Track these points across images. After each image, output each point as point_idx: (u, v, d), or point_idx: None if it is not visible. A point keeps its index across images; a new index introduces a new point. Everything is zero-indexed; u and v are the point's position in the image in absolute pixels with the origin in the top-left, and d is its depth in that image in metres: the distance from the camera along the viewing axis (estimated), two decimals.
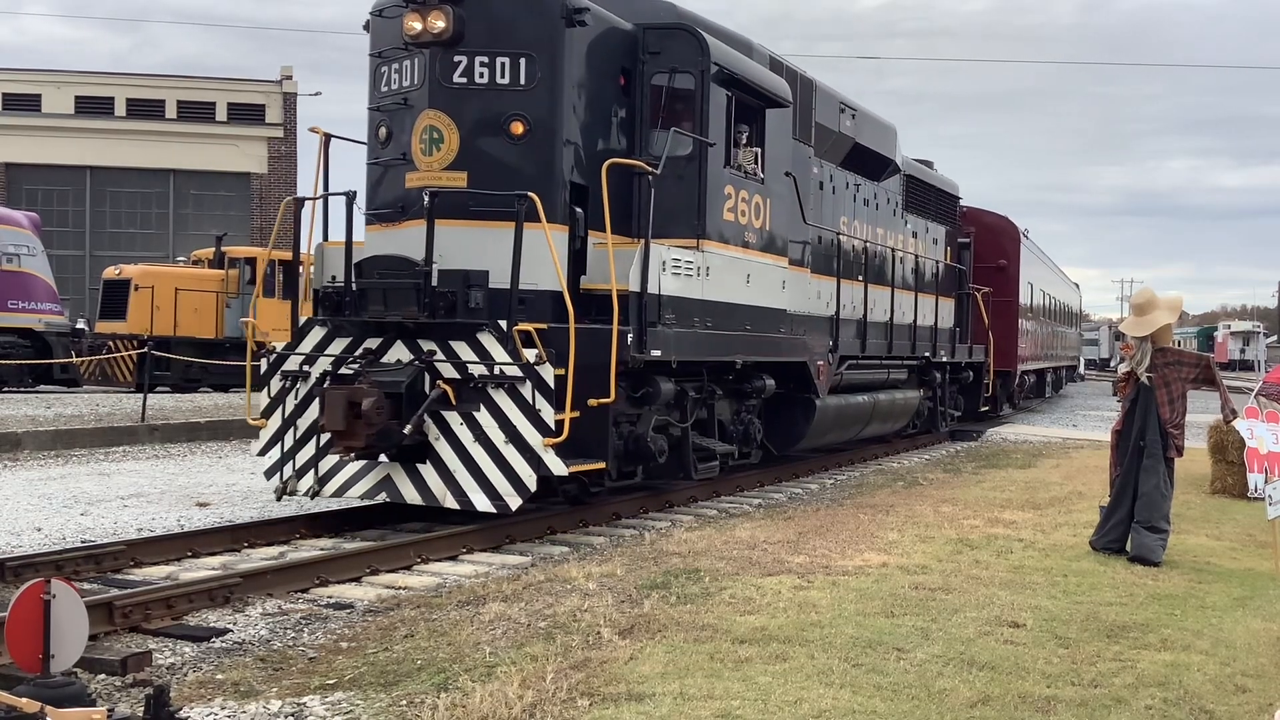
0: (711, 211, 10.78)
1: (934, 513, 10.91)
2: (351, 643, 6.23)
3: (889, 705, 4.96)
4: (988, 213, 24.46)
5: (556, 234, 9.33)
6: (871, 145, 15.94)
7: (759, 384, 12.17)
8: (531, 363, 8.66)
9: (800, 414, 13.50)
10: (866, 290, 15.50)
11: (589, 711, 4.83)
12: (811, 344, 13.39)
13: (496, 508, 8.66)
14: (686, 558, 8.33)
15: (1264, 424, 11.32)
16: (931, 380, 19.00)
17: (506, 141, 9.62)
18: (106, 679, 5.48)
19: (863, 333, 15.36)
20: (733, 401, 12.14)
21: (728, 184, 11.08)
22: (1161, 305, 8.95)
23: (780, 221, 12.44)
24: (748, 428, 12.34)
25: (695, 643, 5.89)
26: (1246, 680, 5.59)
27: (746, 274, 11.59)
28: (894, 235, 17.20)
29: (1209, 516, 11.28)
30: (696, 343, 10.56)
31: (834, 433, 14.79)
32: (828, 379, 13.81)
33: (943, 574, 7.83)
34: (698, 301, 10.60)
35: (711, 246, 10.83)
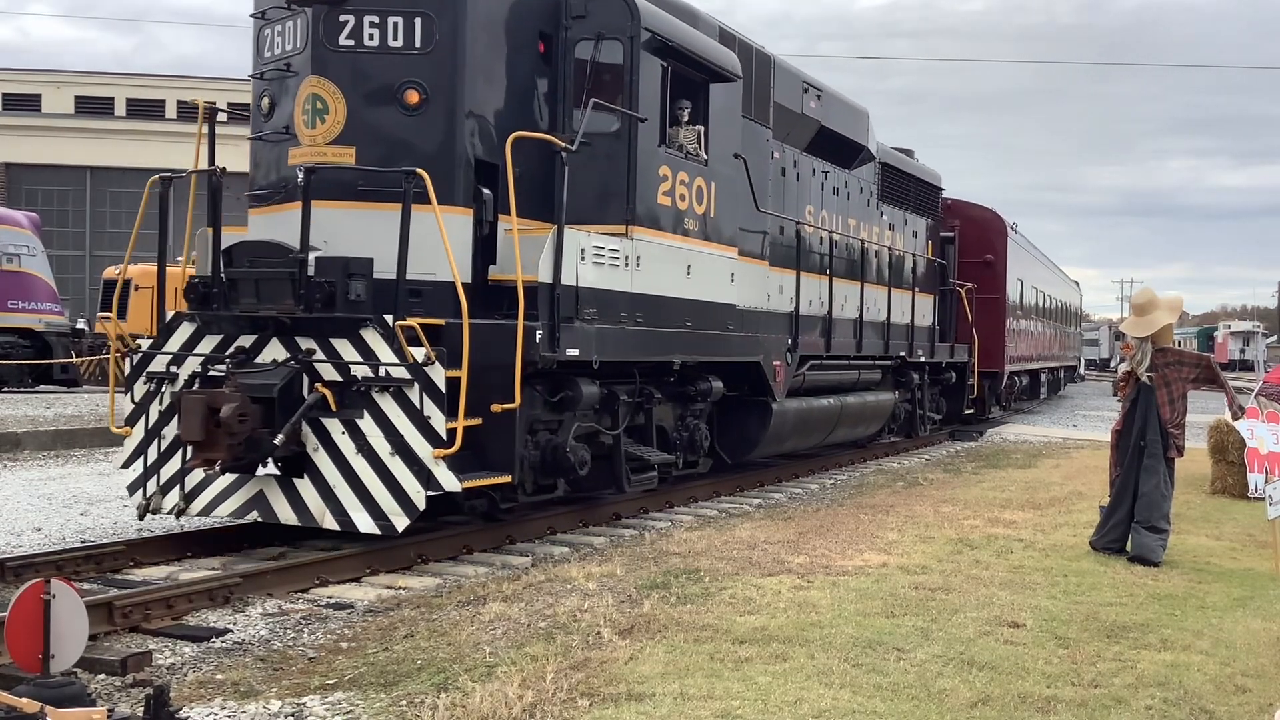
0: (643, 195, 9.68)
1: (934, 513, 10.91)
2: (351, 643, 6.23)
3: (889, 705, 4.96)
4: (974, 205, 23.35)
5: (458, 217, 8.51)
6: (840, 129, 14.84)
7: (704, 386, 11.14)
8: (419, 363, 7.65)
9: (755, 419, 12.45)
10: (831, 285, 14.44)
11: (589, 711, 4.83)
12: (767, 342, 12.31)
13: (381, 529, 7.69)
14: (686, 558, 8.33)
15: (1264, 424, 11.33)
16: (909, 382, 17.93)
17: (400, 113, 8.58)
18: (106, 679, 5.49)
19: (828, 331, 14.34)
20: (676, 406, 11.12)
21: (663, 165, 9.97)
22: (1162, 305, 8.95)
23: (728, 208, 11.34)
24: (693, 434, 11.31)
25: (695, 643, 5.89)
26: (1246, 680, 5.59)
27: (686, 265, 10.49)
28: (867, 227, 16.19)
29: (1209, 516, 11.28)
30: (624, 341, 9.48)
31: (795, 439, 13.65)
32: (786, 381, 12.75)
33: (943, 574, 7.83)
34: (626, 295, 9.53)
35: (643, 234, 9.73)
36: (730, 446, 12.43)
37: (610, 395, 9.66)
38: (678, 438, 11.12)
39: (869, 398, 15.86)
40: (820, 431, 14.38)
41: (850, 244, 15.39)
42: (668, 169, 10.07)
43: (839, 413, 14.57)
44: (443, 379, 7.66)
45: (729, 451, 12.43)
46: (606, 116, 9.38)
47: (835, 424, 14.62)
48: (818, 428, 14.16)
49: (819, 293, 14.17)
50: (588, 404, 9.22)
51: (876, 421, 16.60)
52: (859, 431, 16.16)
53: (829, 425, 14.48)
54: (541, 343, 8.37)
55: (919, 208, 18.62)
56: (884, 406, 16.60)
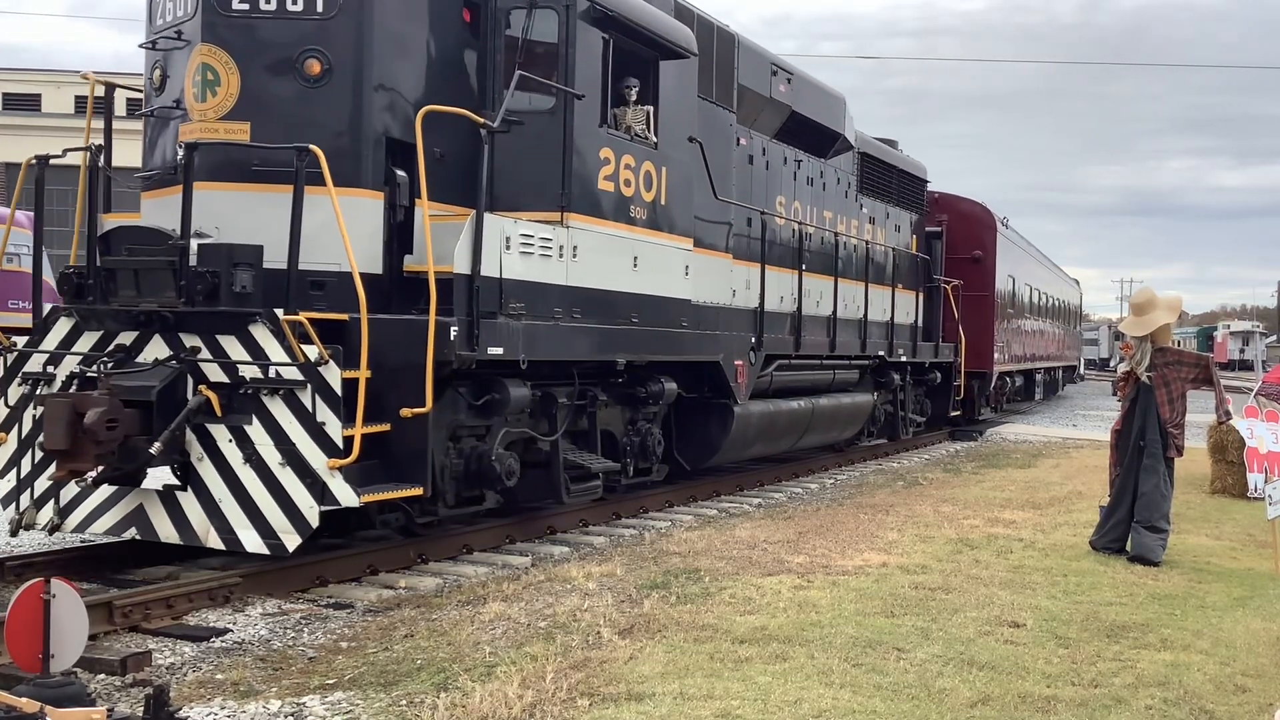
0: (581, 179, 8.88)
1: (934, 512, 10.91)
2: (351, 642, 6.23)
3: (889, 705, 4.96)
4: (963, 199, 22.36)
5: (367, 201, 7.85)
6: (813, 116, 13.92)
7: (656, 388, 10.32)
8: (312, 362, 6.90)
9: (715, 422, 11.59)
10: (801, 280, 13.46)
11: (589, 711, 4.83)
12: (728, 341, 11.50)
13: (270, 548, 6.97)
14: (686, 557, 8.33)
15: (1264, 423, 11.34)
16: (889, 383, 16.93)
17: (300, 84, 7.78)
18: (106, 679, 5.49)
19: (797, 329, 13.38)
20: (625, 409, 10.36)
21: (605, 147, 9.16)
22: (1161, 305, 8.96)
23: (681, 196, 10.46)
24: (645, 439, 10.52)
25: (695, 642, 5.89)
26: (1246, 680, 5.59)
27: (633, 256, 9.64)
28: (845, 220, 15.35)
29: (1209, 516, 11.28)
30: (558, 338, 8.71)
31: (762, 443, 12.78)
32: (749, 382, 11.93)
33: (943, 574, 7.83)
34: (561, 288, 8.74)
35: (581, 221, 8.93)
36: (690, 452, 11.66)
37: (546, 398, 8.97)
38: (628, 443, 10.39)
39: (844, 399, 15.01)
40: (790, 435, 13.56)
41: (825, 237, 14.56)
42: (610, 152, 9.24)
43: (810, 415, 13.72)
44: (339, 380, 6.94)
45: (689, 457, 11.67)
46: (539, 93, 8.70)
47: (807, 427, 13.79)
48: (787, 431, 13.34)
49: (788, 288, 13.32)
50: (518, 407, 8.48)
51: (853, 424, 15.75)
52: (834, 435, 15.30)
53: (800, 429, 13.65)
54: (458, 340, 7.59)
55: (902, 201, 17.84)
56: (861, 408, 15.72)
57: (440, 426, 7.84)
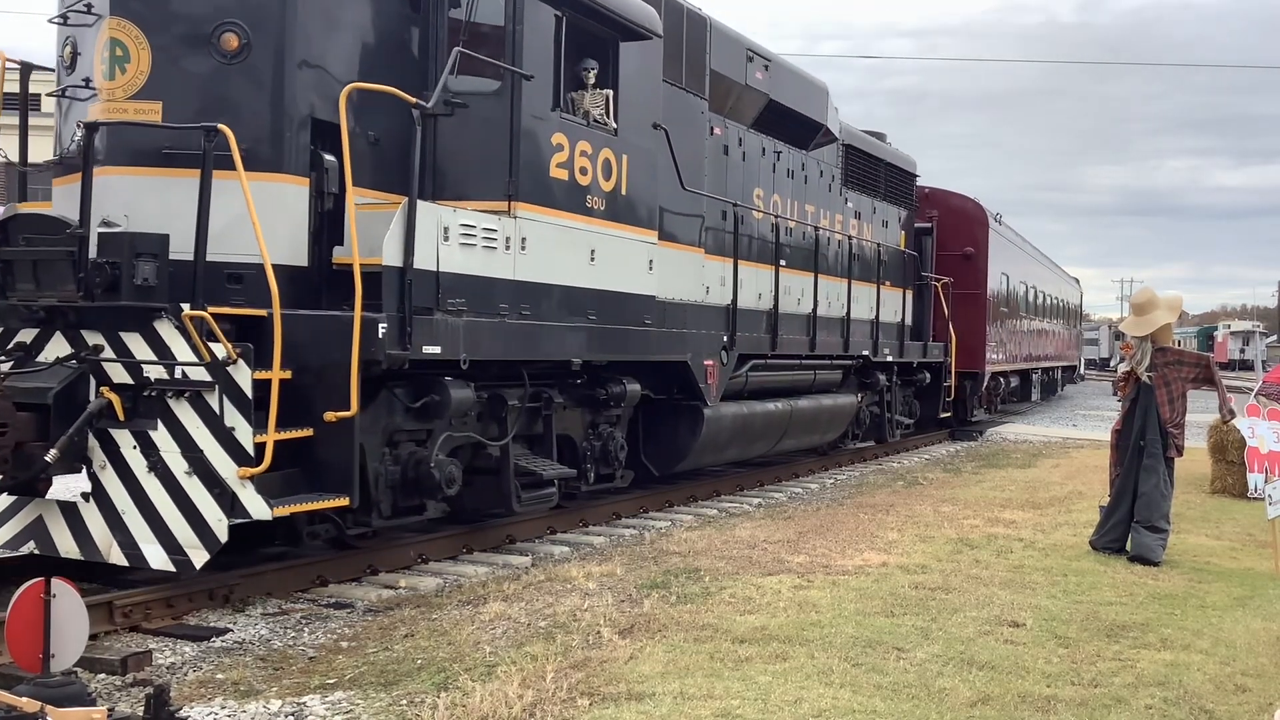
0: (530, 166, 8.30)
1: (934, 512, 10.91)
2: (351, 642, 6.23)
3: (889, 705, 4.96)
4: (954, 194, 21.65)
5: (290, 187, 7.23)
6: (793, 105, 13.26)
7: (618, 389, 9.75)
8: (221, 361, 6.34)
9: (685, 425, 10.99)
10: (778, 276, 12.82)
11: (589, 711, 4.83)
12: (696, 340, 10.89)
13: (175, 565, 6.46)
14: (686, 557, 8.34)
15: (1265, 423, 11.33)
16: (874, 383, 16.21)
17: (216, 60, 7.14)
18: (107, 678, 5.50)
19: (774, 327, 12.71)
20: (585, 412, 9.80)
21: (557, 132, 8.59)
22: (1161, 305, 8.96)
23: (644, 185, 9.82)
24: (606, 444, 9.92)
25: (695, 642, 5.89)
26: (1246, 680, 5.59)
27: (589, 249, 9.04)
28: (828, 214, 14.70)
29: (1209, 516, 11.29)
30: (505, 337, 8.13)
31: (735, 447, 12.19)
32: (720, 382, 11.34)
33: (943, 574, 7.83)
34: (508, 282, 8.15)
35: (530, 211, 8.33)
36: (658, 456, 11.05)
37: (495, 400, 8.48)
38: (588, 448, 9.79)
39: (825, 401, 14.32)
40: (767, 439, 12.89)
41: (806, 232, 13.90)
42: (563, 137, 8.66)
43: (789, 418, 13.04)
44: (249, 381, 6.38)
45: (657, 462, 11.07)
46: (483, 72, 8.14)
47: (785, 430, 13.12)
48: (763, 434, 12.69)
49: (765, 285, 12.66)
50: (460, 410, 7.95)
51: (836, 427, 15.02)
52: (814, 438, 14.60)
53: (777, 431, 13.00)
54: (387, 338, 6.98)
55: (890, 195, 17.24)
56: (844, 410, 14.99)
57: (374, 431, 7.41)
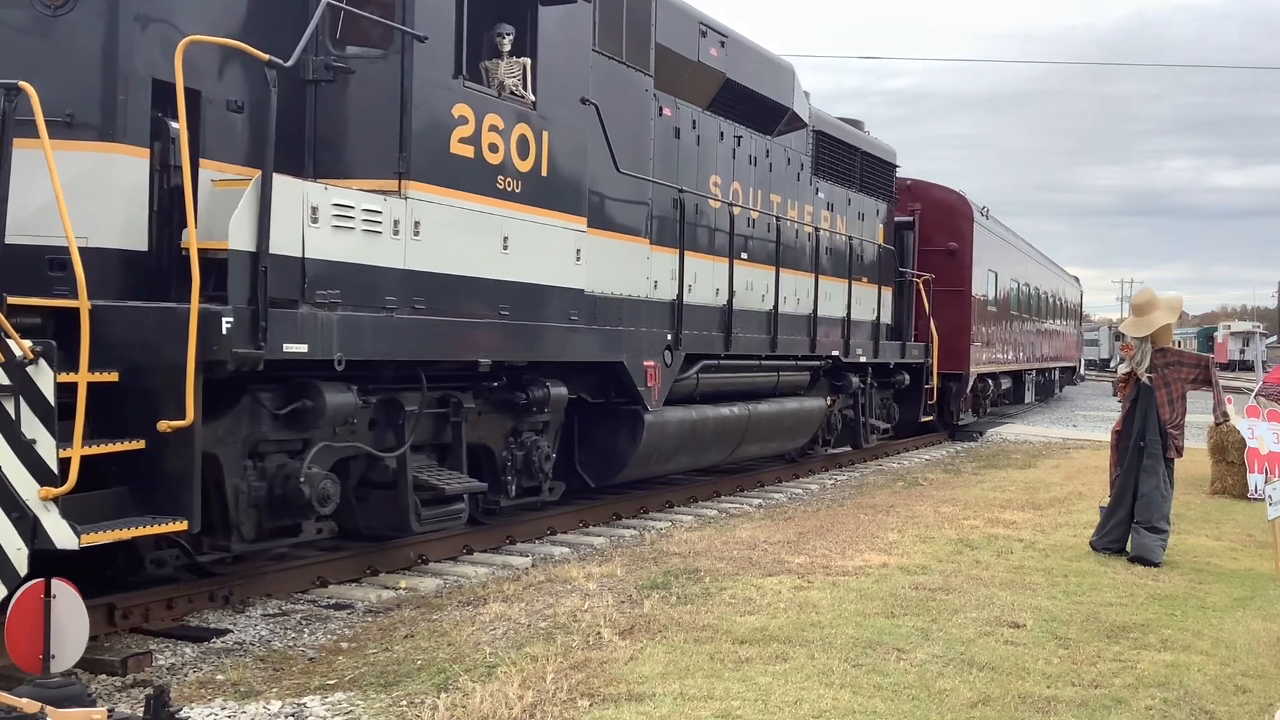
0: (425, 141, 7.35)
1: (934, 513, 10.92)
2: (351, 643, 6.23)
3: (889, 705, 4.96)
4: (937, 187, 20.62)
5: (124, 159, 6.22)
6: (754, 86, 12.27)
7: (540, 393, 8.75)
8: (18, 362, 5.29)
9: (623, 432, 10.02)
10: (733, 270, 11.70)
11: (589, 712, 4.83)
12: (634, 338, 9.86)
13: None
14: (686, 558, 8.34)
15: (1265, 424, 11.34)
16: (846, 386, 15.14)
17: (38, 12, 6.23)
18: (107, 679, 5.50)
19: (727, 325, 11.64)
20: (505, 418, 8.81)
21: (460, 103, 7.63)
22: (1161, 305, 8.96)
23: (570, 166, 8.87)
24: (529, 453, 8.91)
25: (695, 643, 5.89)
26: (1247, 680, 5.59)
27: (502, 236, 8.07)
28: (797, 204, 13.65)
29: (1209, 517, 11.28)
30: (394, 334, 7.14)
31: (683, 455, 11.17)
32: (663, 385, 10.28)
33: (943, 574, 7.83)
34: (397, 272, 7.17)
35: (426, 191, 7.36)
36: (594, 465, 10.11)
37: (390, 405, 7.55)
38: (508, 458, 8.83)
39: (790, 405, 13.28)
40: (721, 446, 11.90)
41: (770, 224, 12.80)
42: (468, 109, 7.71)
43: (746, 423, 12.09)
44: (51, 385, 5.33)
45: (593, 472, 10.11)
46: (371, 33, 7.30)
47: (742, 436, 12.15)
48: (716, 441, 11.70)
49: (715, 279, 11.56)
50: (339, 417, 6.97)
51: (802, 432, 13.97)
52: (779, 444, 13.63)
53: (733, 438, 12.02)
54: (234, 335, 5.95)
55: (868, 187, 16.14)
56: (811, 415, 13.92)
57: (233, 441, 6.53)
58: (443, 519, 7.92)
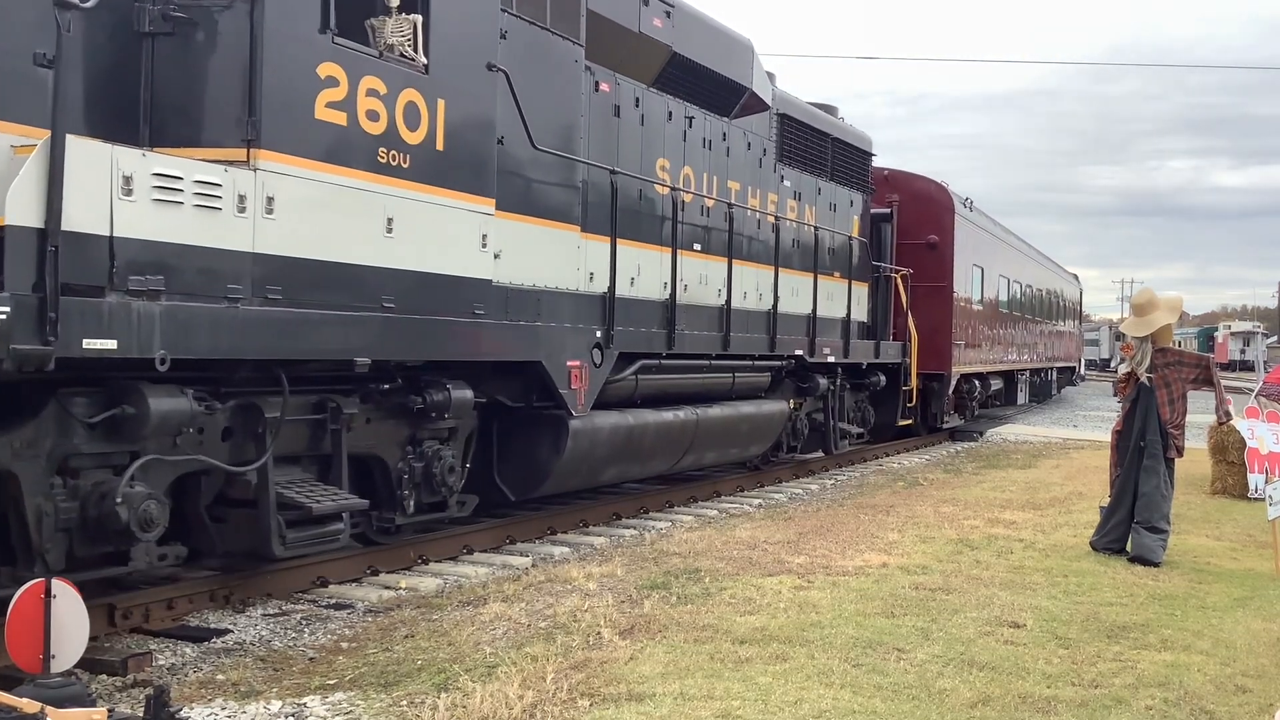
0: (281, 104, 6.33)
1: (934, 513, 10.92)
2: (352, 643, 6.23)
3: (889, 705, 4.96)
4: (917, 177, 19.64)
5: None
6: (705, 62, 11.27)
7: (439, 397, 7.76)
8: None
9: (545, 440, 9.05)
10: (676, 261, 10.59)
11: (589, 712, 4.83)
12: (555, 336, 8.84)
13: None
14: (687, 558, 8.34)
15: (1264, 424, 11.35)
16: (814, 388, 13.93)
17: None
18: (107, 679, 5.50)
19: (670, 321, 10.53)
20: (400, 426, 7.84)
21: (327, 62, 6.61)
22: (1162, 305, 8.97)
23: (474, 140, 7.85)
24: (431, 465, 7.97)
25: (695, 643, 5.89)
26: (1247, 680, 5.59)
27: (385, 217, 7.07)
28: (759, 192, 12.57)
29: (1209, 517, 11.29)
30: (238, 328, 6.08)
31: (619, 464, 10.13)
32: (591, 387, 9.26)
33: (943, 574, 7.83)
34: (243, 256, 6.11)
35: (283, 162, 6.35)
36: (514, 477, 9.11)
37: (247, 412, 6.58)
38: (405, 470, 7.83)
39: (746, 409, 12.21)
40: (666, 454, 10.86)
41: (726, 212, 11.72)
42: (338, 70, 6.71)
43: (695, 429, 11.07)
44: None
45: (514, 484, 9.12)
46: None
47: (690, 444, 11.14)
48: (659, 449, 10.64)
49: (657, 270, 10.47)
50: (170, 426, 6.02)
51: (761, 438, 12.90)
52: (735, 451, 12.51)
53: (680, 445, 10.99)
54: (14, 328, 5.10)
55: (840, 175, 15.00)
56: (771, 419, 12.86)
57: (35, 456, 5.63)
58: (314, 542, 6.91)
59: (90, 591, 6.59)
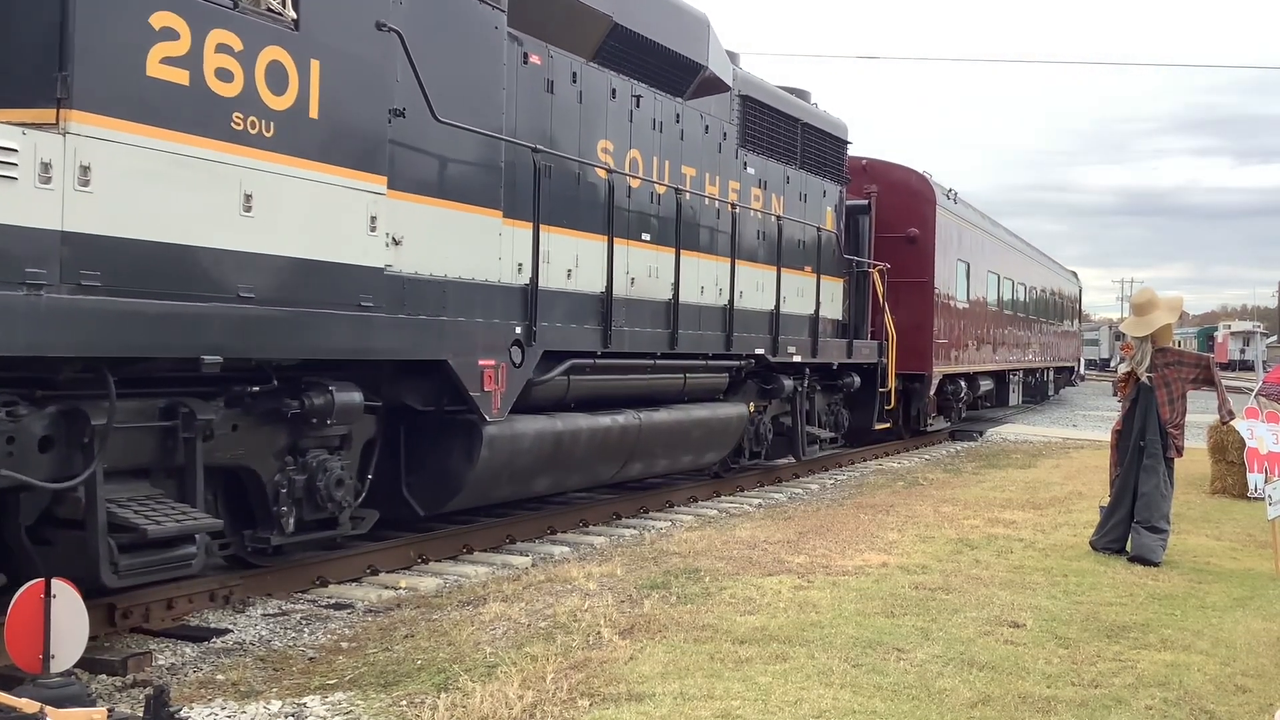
0: (101, 57, 5.44)
1: (934, 513, 10.92)
2: (351, 643, 6.23)
3: (889, 705, 4.96)
4: (896, 167, 18.67)
5: None
6: (652, 35, 10.23)
7: (321, 401, 6.86)
8: None
9: (457, 448, 8.13)
10: (612, 250, 9.59)
11: (589, 711, 4.83)
12: (464, 331, 7.86)
13: None
14: (686, 558, 8.34)
15: (1264, 424, 11.34)
16: (779, 390, 12.98)
17: None
18: (107, 679, 5.50)
19: (606, 316, 9.54)
20: (277, 433, 6.89)
21: (162, 11, 5.71)
22: (1162, 305, 8.97)
23: (360, 109, 6.90)
24: (313, 479, 7.03)
25: (695, 643, 5.89)
26: (1247, 680, 5.59)
27: (243, 193, 6.13)
28: (718, 179, 11.67)
29: (1209, 516, 11.29)
30: (38, 320, 5.19)
31: (548, 475, 9.17)
32: (510, 389, 8.29)
33: (943, 574, 7.83)
34: (50, 234, 5.23)
35: (101, 126, 5.44)
36: (424, 490, 8.20)
37: (71, 418, 5.67)
38: (282, 484, 6.90)
39: (699, 412, 11.26)
40: (604, 462, 9.90)
41: (679, 200, 10.75)
42: (178, 21, 5.80)
43: (637, 435, 10.09)
44: None
45: (423, 497, 8.20)
46: None
47: (632, 450, 10.17)
48: (594, 458, 9.65)
49: (591, 260, 9.49)
50: None
51: (717, 444, 11.87)
52: (688, 459, 11.48)
53: (620, 453, 10.03)
54: None
55: (811, 163, 14.01)
56: (727, 424, 11.85)
57: None
58: (155, 569, 5.94)
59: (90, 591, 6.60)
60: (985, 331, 22.53)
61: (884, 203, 17.20)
